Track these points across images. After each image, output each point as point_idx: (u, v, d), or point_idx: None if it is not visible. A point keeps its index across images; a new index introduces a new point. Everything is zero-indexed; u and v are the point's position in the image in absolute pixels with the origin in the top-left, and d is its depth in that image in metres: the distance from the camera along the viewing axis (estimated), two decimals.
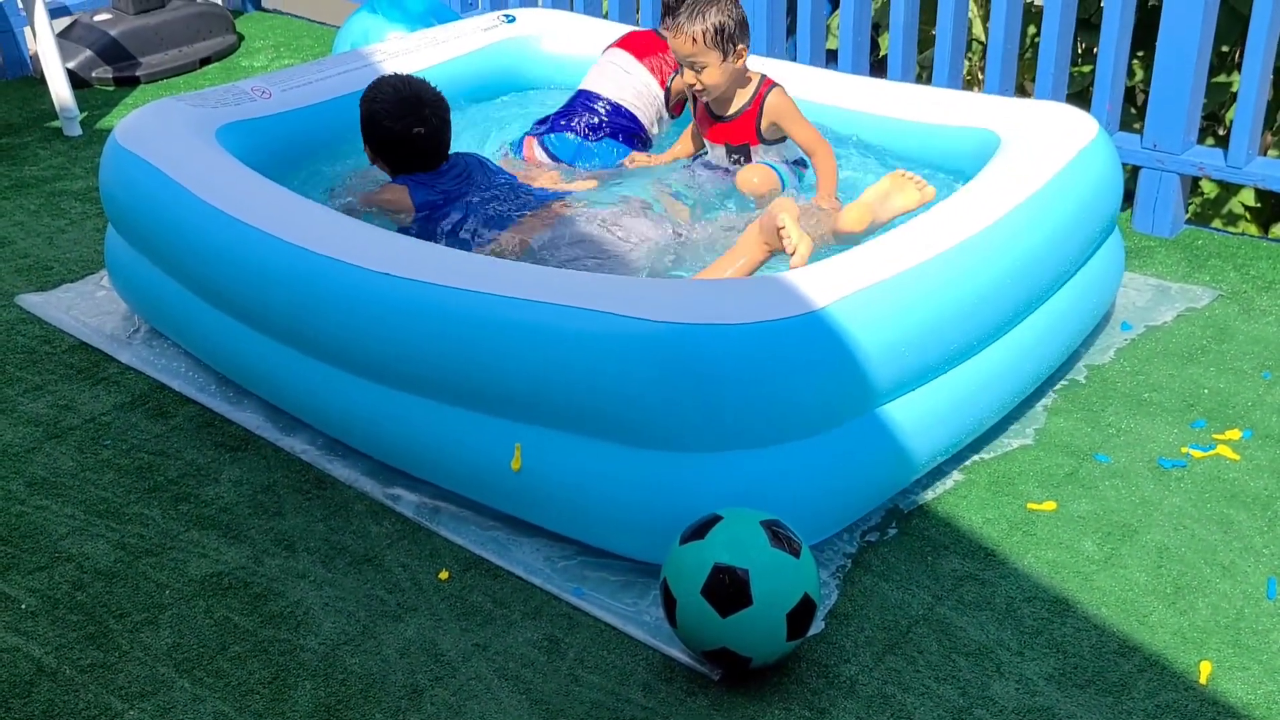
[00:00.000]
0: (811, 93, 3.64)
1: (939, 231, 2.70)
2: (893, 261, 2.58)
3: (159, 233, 3.16)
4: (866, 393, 2.51)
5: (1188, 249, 3.71)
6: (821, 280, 2.49)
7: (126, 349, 3.37)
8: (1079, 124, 3.17)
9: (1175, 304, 3.42)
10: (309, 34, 5.74)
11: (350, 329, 2.73)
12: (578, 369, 2.43)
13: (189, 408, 3.13)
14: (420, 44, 4.00)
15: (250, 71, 5.32)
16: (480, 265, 2.69)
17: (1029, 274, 2.81)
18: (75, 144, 4.64)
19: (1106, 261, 3.18)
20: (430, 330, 2.59)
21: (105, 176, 3.35)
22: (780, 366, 2.39)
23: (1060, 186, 2.94)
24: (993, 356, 2.77)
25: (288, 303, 2.84)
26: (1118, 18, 3.70)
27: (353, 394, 2.81)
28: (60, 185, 4.31)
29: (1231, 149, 3.65)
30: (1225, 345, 3.23)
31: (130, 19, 5.27)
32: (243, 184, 3.08)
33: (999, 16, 3.89)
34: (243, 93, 3.62)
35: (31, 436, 3.03)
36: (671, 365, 2.37)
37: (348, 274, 2.71)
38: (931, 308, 2.58)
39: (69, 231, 4.00)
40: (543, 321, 2.46)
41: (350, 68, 3.85)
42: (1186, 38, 3.57)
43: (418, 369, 2.65)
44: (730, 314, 2.39)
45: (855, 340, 2.44)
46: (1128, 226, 3.82)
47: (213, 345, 3.16)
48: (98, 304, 3.58)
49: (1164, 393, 3.05)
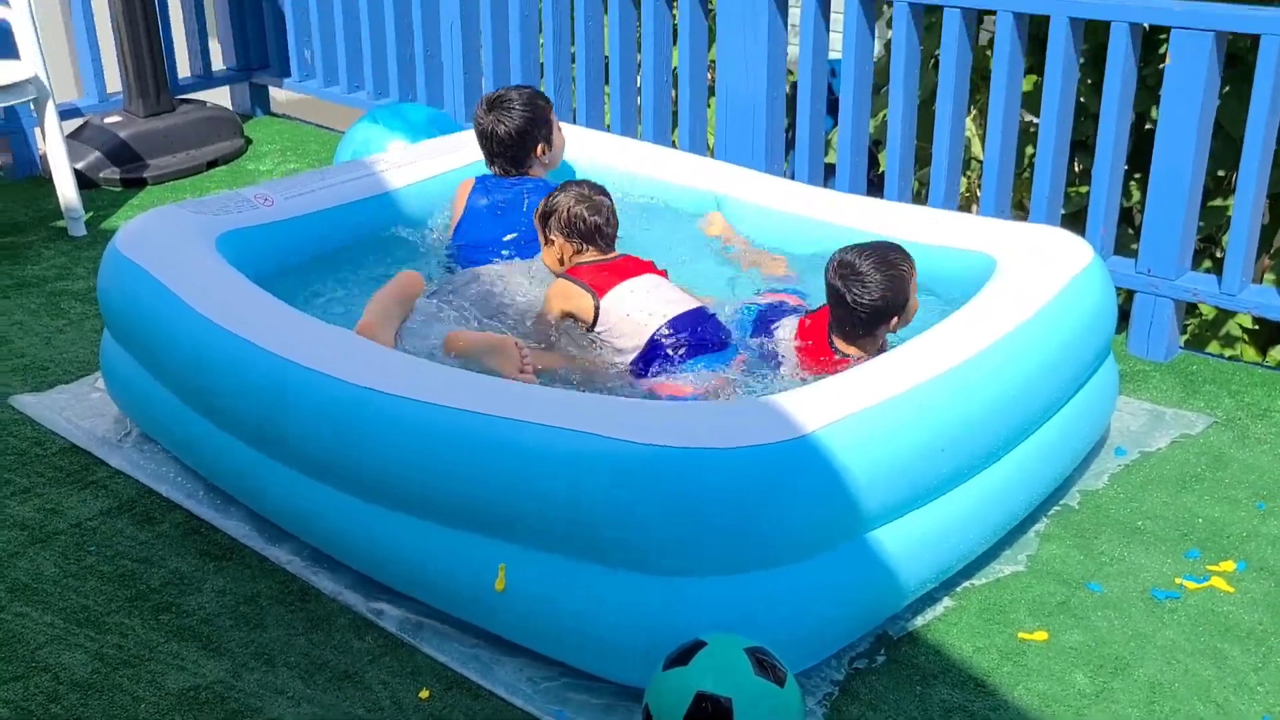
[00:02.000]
0: (811, 210, 3.68)
1: (933, 356, 2.70)
2: (885, 386, 2.58)
3: (153, 340, 3.16)
4: (856, 518, 2.49)
5: (1182, 374, 3.71)
6: (811, 404, 2.49)
7: (117, 452, 3.36)
8: (1074, 249, 3.19)
9: (1170, 430, 3.41)
10: (315, 139, 5.82)
11: (334, 443, 2.71)
12: (562, 490, 2.41)
13: (176, 514, 3.11)
14: (422, 155, 4.04)
15: (256, 174, 5.39)
16: (466, 382, 2.68)
17: (1022, 400, 2.81)
18: (79, 244, 4.68)
19: (1101, 387, 3.17)
20: (413, 447, 2.58)
21: (103, 282, 3.37)
22: (769, 491, 2.38)
23: (1054, 313, 2.95)
24: (985, 482, 2.76)
25: (273, 416, 2.83)
26: (1111, 143, 3.75)
27: (338, 507, 2.78)
28: (61, 285, 4.33)
29: (1226, 276, 3.67)
30: (1220, 473, 3.21)
31: (140, 122, 5.35)
32: (236, 295, 3.08)
33: (995, 137, 3.94)
34: (245, 200, 3.66)
35: (16, 541, 3.00)
36: (657, 489, 2.35)
37: (333, 388, 2.70)
38: (924, 433, 2.57)
39: (67, 332, 4.01)
40: (527, 441, 2.45)
41: (352, 177, 3.89)
42: (1180, 165, 3.61)
43: (401, 485, 2.63)
44: (718, 438, 2.38)
45: (845, 465, 2.42)
46: (1122, 350, 3.83)
47: (201, 453, 3.15)
48: (91, 406, 3.58)
49: (1158, 521, 3.03)
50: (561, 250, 3.35)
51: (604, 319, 3.21)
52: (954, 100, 4.00)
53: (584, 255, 3.33)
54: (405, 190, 3.89)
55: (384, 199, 3.85)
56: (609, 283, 3.24)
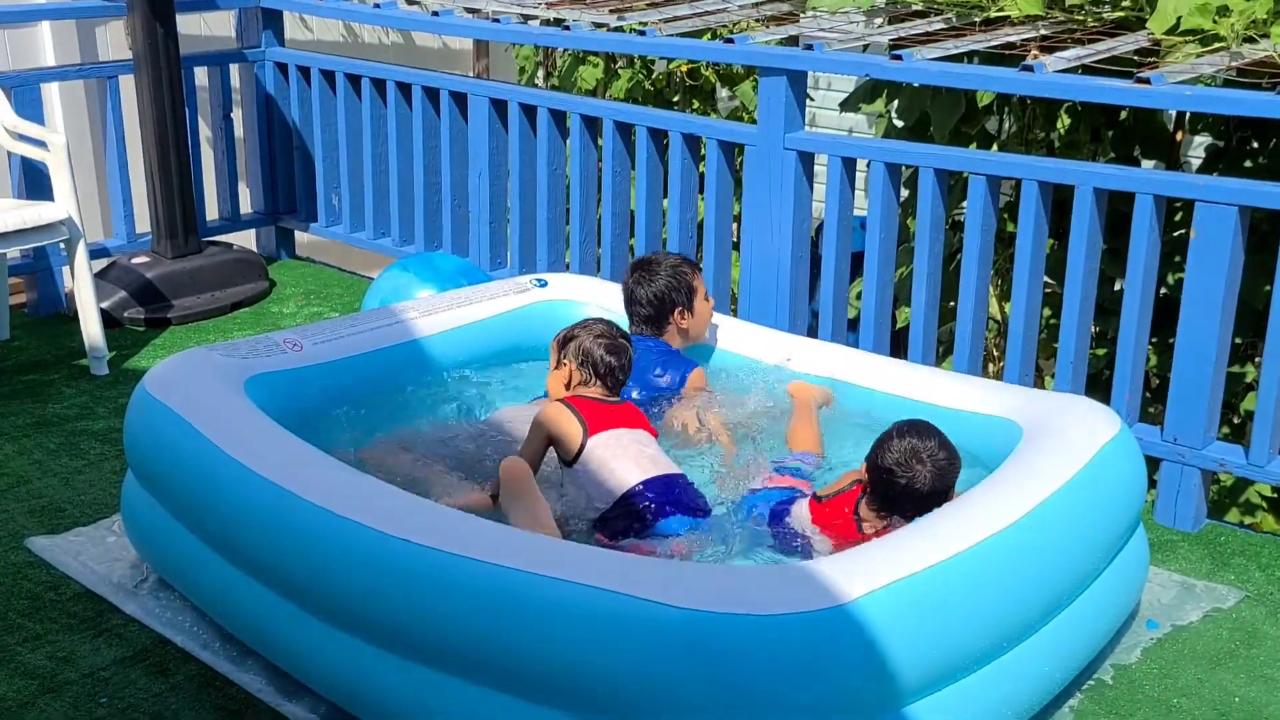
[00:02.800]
0: (836, 370, 3.69)
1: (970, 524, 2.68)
2: (922, 555, 2.55)
3: (180, 483, 3.15)
4: (893, 690, 2.44)
5: (1211, 545, 3.67)
6: (848, 572, 2.46)
7: (133, 599, 3.31)
8: (1103, 418, 3.19)
9: (1201, 603, 3.36)
10: (339, 283, 5.87)
11: (362, 593, 2.68)
12: (594, 652, 2.38)
13: (190, 665, 3.05)
14: (451, 303, 4.08)
15: (280, 317, 5.42)
16: (504, 537, 2.67)
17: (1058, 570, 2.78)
18: (101, 384, 4.69)
19: (1133, 557, 3.14)
20: (444, 600, 2.55)
21: (130, 423, 3.37)
22: (805, 660, 2.34)
23: (1086, 481, 2.93)
24: (1021, 655, 2.70)
25: (301, 564, 2.81)
26: (1136, 312, 3.77)
27: (360, 661, 2.74)
28: (82, 425, 4.33)
29: (1253, 447, 3.66)
30: (1254, 650, 3.16)
31: (167, 263, 5.40)
32: (265, 440, 3.09)
33: (1020, 304, 3.96)
34: (274, 344, 3.67)
35: (26, 690, 2.94)
36: (691, 654, 2.32)
37: (365, 537, 2.68)
38: (963, 603, 2.54)
39: (85, 473, 3.99)
40: (562, 600, 2.43)
41: (380, 324, 3.91)
42: (1205, 338, 3.63)
43: (429, 640, 2.59)
44: (760, 604, 2.34)
45: (884, 635, 2.39)
46: (1149, 519, 3.79)
47: (222, 600, 3.11)
48: (107, 550, 3.54)
49: (1194, 699, 2.97)
50: (570, 376, 3.37)
51: (586, 457, 3.19)
52: (979, 265, 4.04)
53: (589, 389, 3.34)
54: (434, 338, 3.91)
55: (411, 346, 3.88)
56: (603, 424, 3.24)
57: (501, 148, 5.24)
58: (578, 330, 3.41)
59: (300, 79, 5.87)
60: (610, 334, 3.39)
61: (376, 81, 5.56)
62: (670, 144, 4.68)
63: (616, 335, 3.40)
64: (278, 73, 5.93)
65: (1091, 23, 4.32)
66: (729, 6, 5.15)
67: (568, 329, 3.44)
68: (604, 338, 3.37)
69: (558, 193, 5.14)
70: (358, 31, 7.63)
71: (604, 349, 3.35)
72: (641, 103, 6.63)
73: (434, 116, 5.42)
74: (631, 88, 6.89)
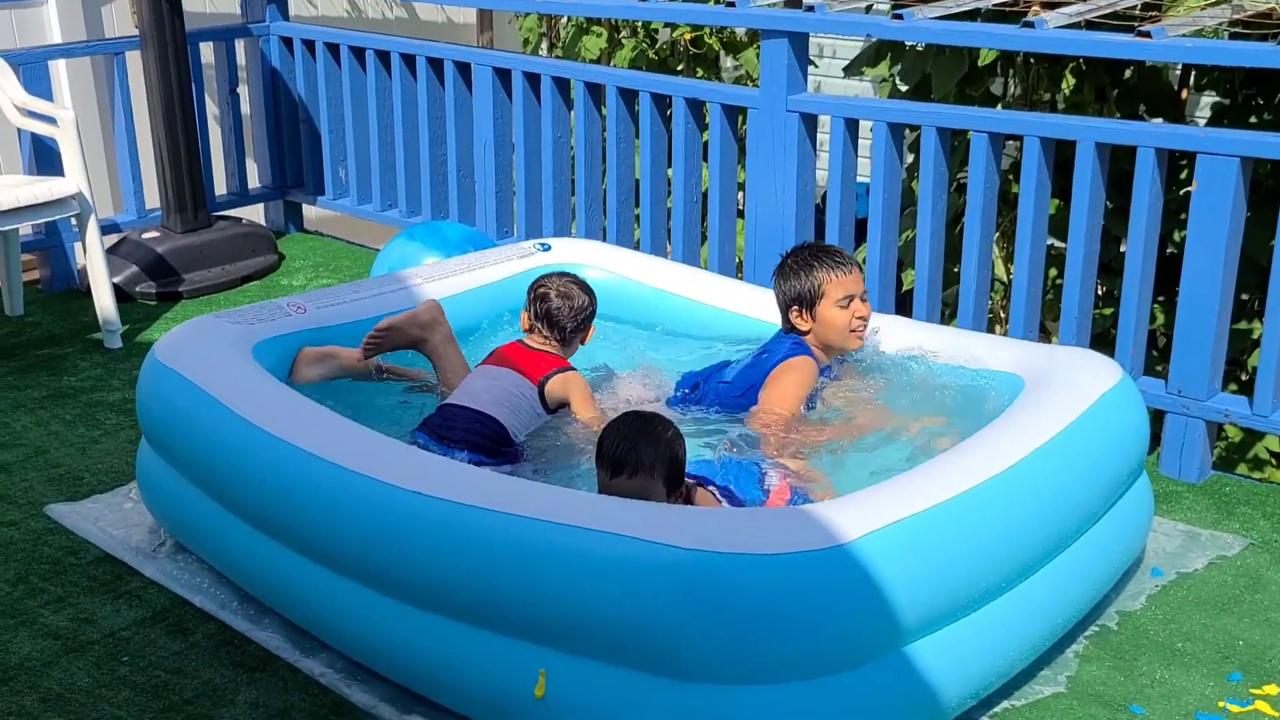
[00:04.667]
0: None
1: (970, 467, 2.72)
2: (922, 496, 2.58)
3: (193, 447, 3.20)
4: (895, 629, 2.48)
5: (1216, 495, 3.70)
6: (850, 513, 2.50)
7: (151, 563, 3.36)
8: (1104, 369, 3.22)
9: (1206, 551, 3.39)
10: (348, 255, 5.91)
11: (375, 545, 2.74)
12: (602, 594, 2.43)
13: (209, 625, 3.11)
14: (456, 268, 4.11)
15: (289, 289, 5.46)
16: (511, 486, 2.72)
17: (1057, 512, 2.82)
18: (115, 356, 4.74)
19: (1135, 505, 3.17)
20: (455, 550, 2.61)
21: (143, 391, 3.41)
22: (808, 599, 2.38)
23: (1085, 426, 2.97)
24: (1022, 597, 2.74)
25: (317, 519, 2.86)
26: (1140, 266, 3.79)
27: (375, 614, 2.79)
28: (97, 396, 4.38)
29: (1257, 398, 3.68)
30: (1259, 595, 3.19)
31: (177, 237, 5.45)
32: (276, 400, 3.14)
33: (1023, 261, 3.99)
34: (279, 309, 3.72)
35: (50, 650, 3.00)
36: (696, 594, 2.37)
37: (377, 491, 2.74)
38: (963, 543, 2.57)
39: (102, 442, 4.04)
40: (569, 545, 2.48)
41: (386, 290, 3.95)
42: (1208, 289, 3.65)
43: (440, 589, 2.65)
44: (758, 543, 2.38)
45: (885, 574, 2.43)
46: (1155, 471, 3.82)
47: (237, 560, 3.16)
48: (125, 516, 3.60)
49: (1198, 643, 3.00)
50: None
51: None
52: (982, 223, 4.06)
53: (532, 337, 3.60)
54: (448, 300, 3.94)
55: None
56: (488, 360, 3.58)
57: (506, 117, 5.27)
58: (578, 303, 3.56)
59: (305, 53, 5.89)
60: (550, 283, 3.56)
61: (380, 53, 5.59)
62: (674, 109, 4.70)
63: (555, 284, 3.55)
64: (283, 47, 5.95)
65: None
66: None
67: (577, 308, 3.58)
68: (543, 287, 3.57)
69: (563, 161, 5.17)
70: (361, 7, 7.65)
71: (538, 297, 3.55)
72: (646, 71, 6.64)
73: (438, 87, 5.45)
74: (635, 57, 6.91)
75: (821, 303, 3.45)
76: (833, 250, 3.52)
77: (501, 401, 3.36)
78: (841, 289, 3.45)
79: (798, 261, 3.50)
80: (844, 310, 3.45)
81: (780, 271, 3.53)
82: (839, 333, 3.47)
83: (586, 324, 3.58)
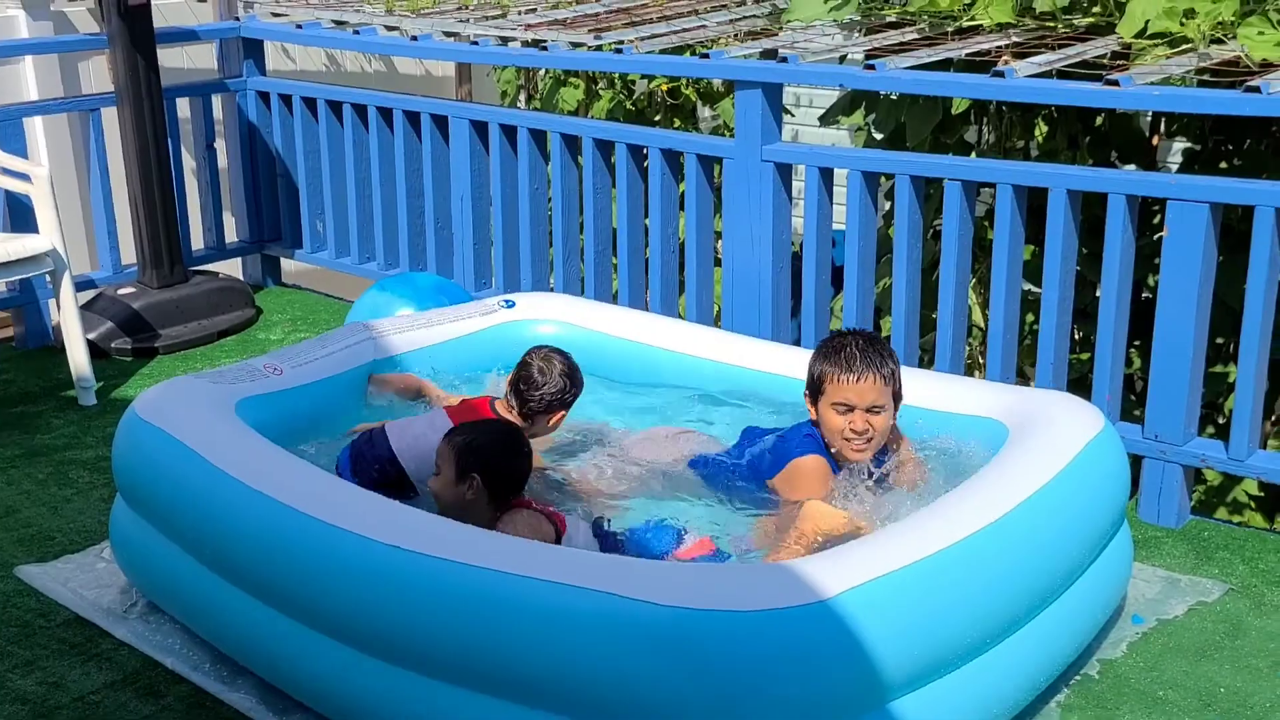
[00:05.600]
0: None
1: (955, 521, 2.70)
2: (907, 551, 2.57)
3: (175, 503, 3.17)
4: (877, 686, 2.45)
5: (1195, 540, 3.69)
6: (832, 568, 2.48)
7: (122, 624, 3.32)
8: (1086, 415, 3.22)
9: (1186, 597, 3.38)
10: (325, 309, 5.89)
11: (355, 601, 2.72)
12: (579, 652, 2.41)
13: (182, 686, 3.06)
14: (418, 323, 4.11)
15: (267, 343, 5.44)
16: (491, 541, 2.70)
17: (1043, 567, 2.80)
18: (89, 414, 4.70)
19: (1117, 553, 3.16)
20: (436, 606, 2.59)
21: (120, 448, 3.39)
22: (790, 656, 2.36)
23: (1070, 478, 2.96)
24: (1007, 651, 2.72)
25: (300, 576, 2.84)
26: (1113, 311, 3.81)
27: (353, 672, 2.76)
28: (70, 454, 4.34)
29: (1232, 442, 3.69)
30: (1239, 641, 3.18)
31: (153, 293, 5.42)
32: (262, 456, 3.12)
33: (999, 306, 4.00)
34: (256, 369, 3.71)
35: (19, 715, 2.95)
36: (676, 652, 2.34)
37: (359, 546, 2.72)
38: (947, 599, 2.55)
39: (74, 501, 4.00)
40: (547, 601, 2.46)
41: (351, 343, 3.94)
42: (1182, 333, 3.66)
43: (421, 646, 2.62)
44: (739, 600, 2.37)
45: (868, 631, 2.41)
46: (1133, 516, 3.82)
47: (215, 619, 3.12)
48: (97, 576, 3.55)
49: (1179, 690, 2.98)
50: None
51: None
52: (957, 269, 4.07)
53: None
54: (401, 357, 3.95)
55: (383, 364, 3.92)
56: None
57: (483, 169, 5.28)
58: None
59: (282, 107, 5.91)
60: (538, 356, 3.50)
61: (358, 107, 5.60)
62: (650, 160, 4.71)
63: (541, 359, 3.49)
64: (260, 101, 5.97)
65: (1063, 29, 4.36)
66: (706, 23, 5.20)
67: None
68: (530, 357, 3.52)
69: (540, 213, 5.18)
70: (340, 61, 7.69)
71: (521, 364, 3.52)
72: (623, 123, 6.67)
73: (415, 140, 5.46)
74: (612, 108, 6.94)
75: (822, 400, 3.17)
76: (857, 348, 3.13)
77: (419, 453, 3.30)
78: (841, 394, 3.11)
79: (823, 344, 3.22)
80: (840, 416, 3.13)
81: (817, 347, 3.26)
82: (832, 436, 3.17)
83: (553, 409, 3.46)
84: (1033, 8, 4.39)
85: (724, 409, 3.82)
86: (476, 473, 3.03)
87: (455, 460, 3.06)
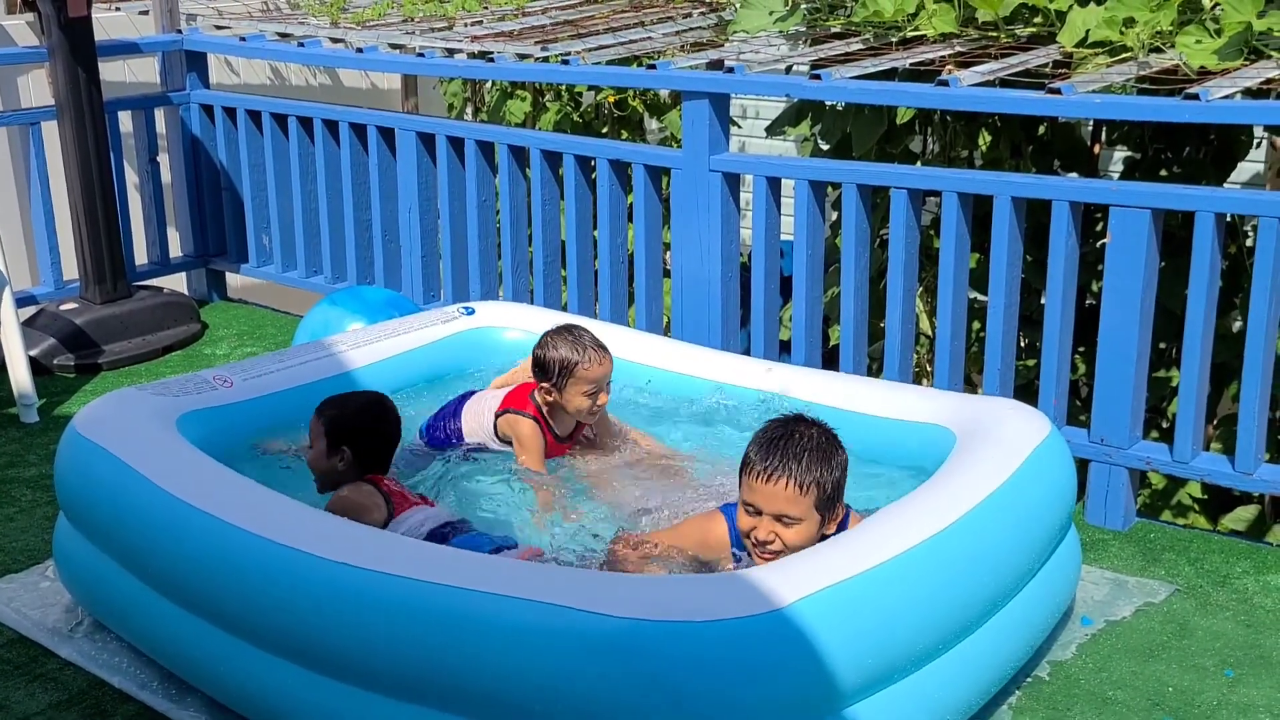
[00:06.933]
0: (769, 384, 3.72)
1: (908, 528, 2.71)
2: (859, 559, 2.58)
3: (115, 522, 3.12)
4: (832, 693, 2.46)
5: (1141, 542, 3.74)
6: (786, 578, 2.48)
7: (68, 643, 3.26)
8: (1032, 421, 3.25)
9: (1133, 598, 3.42)
10: (272, 323, 5.84)
11: (304, 619, 2.68)
12: (534, 666, 2.39)
13: (129, 706, 3.02)
14: (380, 334, 4.08)
15: (212, 359, 5.39)
16: (440, 556, 2.68)
17: (994, 572, 2.82)
18: (31, 431, 4.63)
19: (1065, 556, 3.19)
20: (386, 622, 2.56)
21: (61, 465, 3.33)
22: (746, 667, 2.35)
23: (1019, 484, 2.98)
24: (959, 656, 2.74)
25: (242, 593, 2.80)
26: (1058, 318, 3.85)
27: (303, 689, 2.73)
28: (12, 473, 4.27)
29: (1177, 444, 3.74)
30: (1186, 641, 3.22)
31: (96, 308, 5.35)
32: (201, 473, 3.08)
33: (945, 314, 4.03)
34: (204, 381, 3.66)
35: None
36: (631, 664, 2.33)
37: (304, 563, 2.69)
38: (900, 606, 2.56)
39: (17, 520, 3.94)
40: (500, 615, 2.45)
41: (311, 358, 3.91)
42: (1126, 338, 3.71)
43: (371, 662, 2.59)
44: (693, 611, 2.36)
45: (821, 639, 2.41)
46: (1080, 519, 3.86)
47: (161, 638, 3.08)
48: (41, 595, 3.49)
49: (1128, 690, 3.02)
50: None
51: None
52: (904, 278, 4.11)
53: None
54: (366, 369, 3.91)
55: (342, 380, 3.87)
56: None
57: (430, 182, 5.26)
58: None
59: (226, 120, 5.86)
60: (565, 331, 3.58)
61: (303, 120, 5.57)
62: (598, 171, 4.72)
63: (565, 333, 3.58)
64: (203, 115, 5.91)
65: (1005, 39, 4.42)
66: (652, 35, 5.22)
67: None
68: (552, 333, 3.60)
69: (488, 225, 5.16)
70: (284, 74, 7.62)
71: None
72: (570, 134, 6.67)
73: (362, 153, 5.43)
74: (559, 120, 6.94)
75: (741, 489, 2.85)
76: (788, 442, 2.77)
77: (479, 429, 3.64)
78: (749, 492, 2.79)
79: (766, 426, 2.88)
80: (748, 517, 2.81)
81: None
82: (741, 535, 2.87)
83: (564, 376, 3.46)
84: (975, 18, 4.44)
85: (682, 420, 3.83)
86: (346, 445, 3.19)
87: (325, 433, 3.21)
